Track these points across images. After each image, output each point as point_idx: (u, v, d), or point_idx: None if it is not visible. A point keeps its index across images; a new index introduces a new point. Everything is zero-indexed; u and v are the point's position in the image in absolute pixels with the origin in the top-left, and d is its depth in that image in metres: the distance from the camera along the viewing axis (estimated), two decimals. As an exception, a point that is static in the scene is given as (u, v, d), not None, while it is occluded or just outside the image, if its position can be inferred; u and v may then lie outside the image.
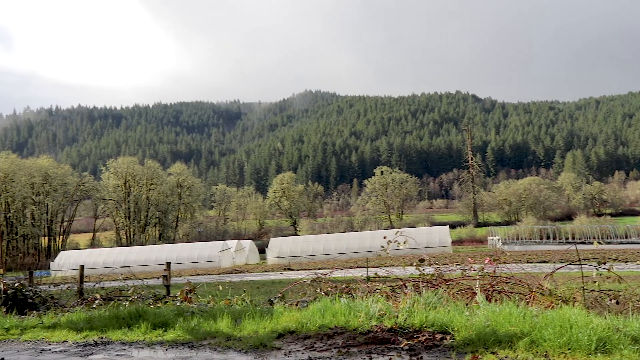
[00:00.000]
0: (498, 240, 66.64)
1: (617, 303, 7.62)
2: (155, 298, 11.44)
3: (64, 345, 7.11)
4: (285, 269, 40.15)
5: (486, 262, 8.76)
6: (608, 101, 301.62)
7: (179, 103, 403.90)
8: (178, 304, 10.10)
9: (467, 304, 7.23)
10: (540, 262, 28.90)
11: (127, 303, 10.28)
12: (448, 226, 66.89)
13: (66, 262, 56.78)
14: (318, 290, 9.54)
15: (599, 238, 61.52)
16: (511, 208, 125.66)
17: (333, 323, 6.76)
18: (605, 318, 5.91)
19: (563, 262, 9.50)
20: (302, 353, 5.75)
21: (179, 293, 11.35)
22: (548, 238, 66.90)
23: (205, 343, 6.54)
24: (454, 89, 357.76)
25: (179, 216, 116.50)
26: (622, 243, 58.26)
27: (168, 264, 15.90)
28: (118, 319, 8.10)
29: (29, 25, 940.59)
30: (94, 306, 10.58)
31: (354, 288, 8.99)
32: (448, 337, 5.85)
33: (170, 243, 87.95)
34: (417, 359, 5.34)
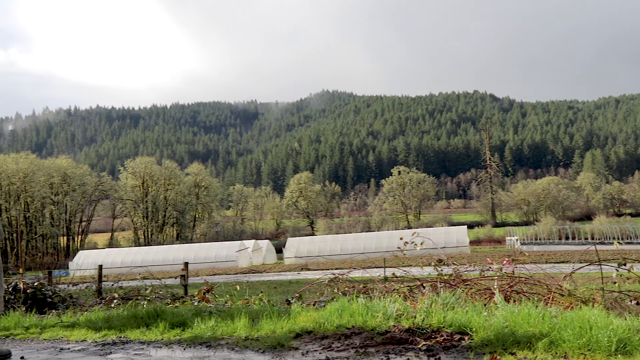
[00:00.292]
0: (516, 240, 66.23)
1: (638, 304, 7.54)
2: (173, 298, 11.48)
3: (83, 344, 7.15)
4: (302, 269, 40.15)
5: (504, 263, 8.70)
6: (628, 100, 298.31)
7: (197, 103, 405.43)
8: (196, 304, 10.14)
9: (486, 305, 7.20)
10: (559, 263, 28.67)
11: (145, 303, 10.33)
12: (466, 226, 66.54)
13: (85, 262, 57.16)
14: (335, 290, 9.53)
15: (619, 238, 60.93)
16: (529, 208, 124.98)
17: (350, 323, 6.75)
18: (625, 319, 5.85)
19: (582, 263, 9.42)
20: (320, 353, 5.75)
21: (197, 293, 11.39)
22: (567, 238, 66.39)
23: (222, 343, 6.56)
24: (472, 89, 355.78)
25: (197, 216, 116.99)
26: (643, 243, 57.70)
27: (186, 264, 15.97)
28: (136, 319, 8.14)
29: (47, 26, 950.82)
30: (113, 305, 10.65)
31: (372, 288, 8.97)
32: (466, 338, 5.82)
33: (187, 243, 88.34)
34: (435, 360, 5.33)
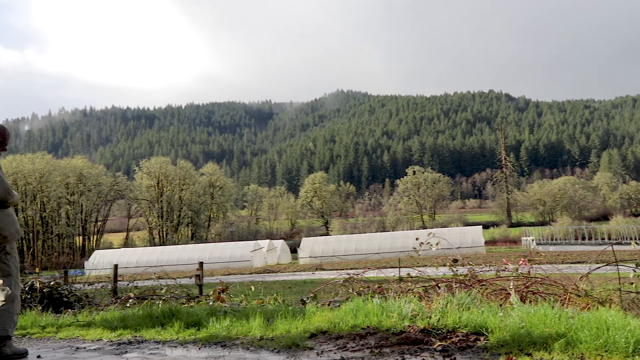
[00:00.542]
0: (532, 240, 65.90)
1: (656, 305, 7.48)
2: (188, 297, 11.51)
3: (99, 343, 7.18)
4: (317, 269, 40.14)
5: (520, 263, 8.66)
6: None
7: (211, 103, 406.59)
8: (211, 304, 10.15)
9: (501, 305, 7.16)
10: (575, 263, 28.47)
11: (161, 302, 10.36)
12: (481, 226, 66.27)
13: (100, 261, 57.50)
14: (350, 290, 9.51)
15: (636, 239, 60.41)
16: (545, 208, 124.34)
17: (365, 323, 6.73)
18: (643, 320, 5.80)
19: (599, 263, 9.36)
20: (335, 353, 5.74)
21: (212, 292, 11.41)
22: (583, 239, 65.96)
23: (237, 342, 6.56)
24: (487, 88, 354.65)
25: (211, 216, 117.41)
26: (660, 244, 57.11)
27: (201, 264, 16.02)
28: (151, 318, 8.16)
29: (62, 27, 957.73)
30: (128, 305, 10.69)
31: (387, 288, 8.95)
32: (482, 338, 5.79)
33: (202, 243, 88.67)
34: (450, 360, 5.30)
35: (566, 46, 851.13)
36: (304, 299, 9.93)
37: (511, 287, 7.94)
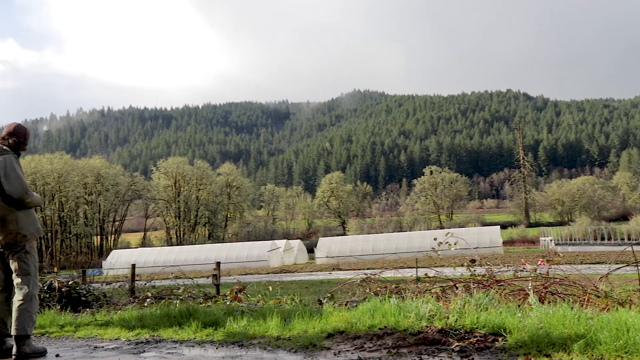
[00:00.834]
0: (550, 240, 65.40)
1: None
2: (205, 297, 11.55)
3: (117, 342, 7.23)
4: (333, 269, 40.14)
5: (539, 263, 8.60)
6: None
7: (228, 103, 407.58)
8: (228, 303, 10.18)
9: (520, 306, 7.11)
10: (594, 264, 28.29)
11: (178, 302, 10.41)
12: (499, 226, 65.91)
13: (118, 261, 57.84)
14: (367, 290, 9.50)
15: (656, 239, 59.89)
16: (564, 208, 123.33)
17: (383, 323, 6.72)
18: (663, 321, 5.74)
19: (619, 264, 9.27)
20: (352, 353, 5.73)
21: (229, 292, 11.44)
22: (603, 239, 65.25)
23: (255, 342, 6.57)
24: (505, 87, 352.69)
25: (228, 216, 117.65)
26: (681, 244, 56.49)
27: (218, 263, 16.07)
28: (169, 318, 8.20)
29: (80, 27, 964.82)
30: (146, 304, 10.74)
31: (404, 288, 8.92)
32: (500, 339, 5.76)
33: (219, 242, 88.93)
34: (468, 361, 5.28)
35: (585, 45, 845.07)
36: (321, 299, 9.93)
37: (529, 288, 7.89)
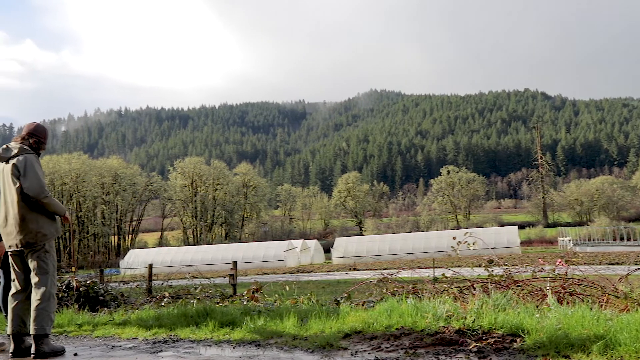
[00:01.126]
0: (569, 241, 64.99)
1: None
2: (222, 297, 11.58)
3: (134, 342, 7.27)
4: (350, 269, 40.08)
5: (557, 264, 8.54)
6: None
7: (245, 103, 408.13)
8: (245, 303, 10.21)
9: (538, 306, 7.06)
10: (613, 264, 28.02)
11: (195, 301, 10.44)
12: (516, 226, 65.46)
13: (135, 261, 58.25)
14: (384, 290, 9.47)
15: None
16: (582, 208, 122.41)
17: (400, 324, 6.70)
18: (684, 323, 5.68)
19: (638, 264, 9.18)
20: (369, 353, 5.72)
21: (246, 292, 11.46)
22: (622, 239, 64.72)
23: (271, 342, 6.58)
24: (523, 87, 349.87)
25: (245, 216, 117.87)
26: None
27: (234, 263, 16.10)
28: (186, 317, 8.23)
29: (97, 28, 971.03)
30: (163, 304, 10.79)
31: (421, 289, 8.89)
32: (518, 340, 5.72)
33: (236, 242, 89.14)
34: (486, 362, 5.25)
35: (604, 44, 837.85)
36: (338, 299, 9.92)
37: (548, 288, 7.84)
